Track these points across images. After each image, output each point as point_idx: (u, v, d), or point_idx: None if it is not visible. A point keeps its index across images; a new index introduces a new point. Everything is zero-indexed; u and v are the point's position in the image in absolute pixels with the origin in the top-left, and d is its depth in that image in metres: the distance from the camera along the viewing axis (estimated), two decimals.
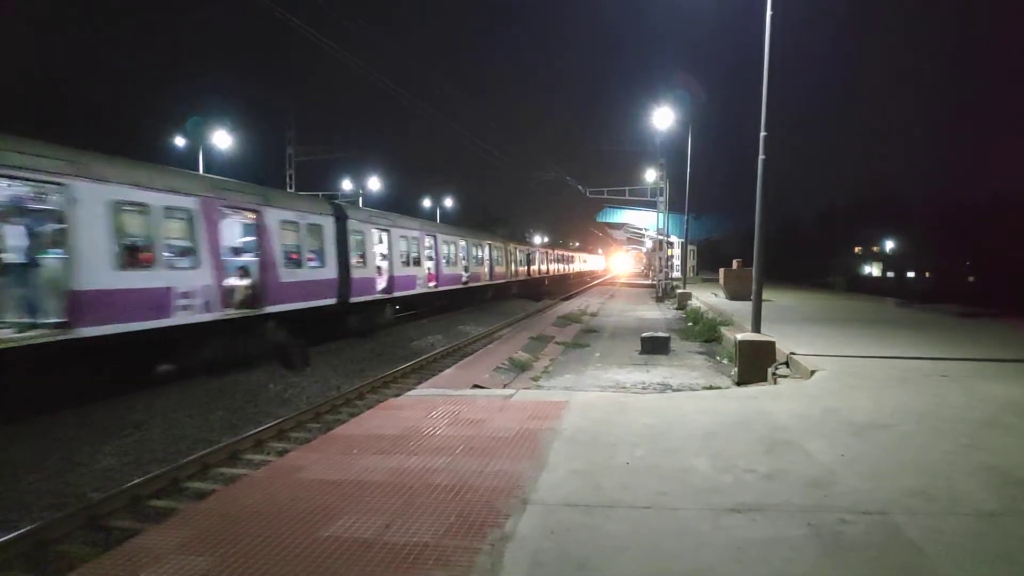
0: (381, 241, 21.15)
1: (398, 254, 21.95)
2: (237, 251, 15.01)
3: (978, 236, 56.80)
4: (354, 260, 18.73)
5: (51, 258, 10.22)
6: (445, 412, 7.54)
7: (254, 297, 14.27)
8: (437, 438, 6.44)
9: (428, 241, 25.39)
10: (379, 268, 20.83)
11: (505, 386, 10.41)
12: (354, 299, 18.58)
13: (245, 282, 14.21)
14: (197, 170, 27.62)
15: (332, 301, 17.39)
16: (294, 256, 15.80)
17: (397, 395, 9.71)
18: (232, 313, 13.47)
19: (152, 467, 8.32)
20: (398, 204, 51.33)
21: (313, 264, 16.65)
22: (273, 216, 14.96)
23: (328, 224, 17.42)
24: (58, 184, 9.87)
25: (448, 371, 12.29)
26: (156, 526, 4.87)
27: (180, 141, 34.29)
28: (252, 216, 14.68)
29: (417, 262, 23.81)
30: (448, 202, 68.16)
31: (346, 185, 44.31)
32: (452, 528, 4.22)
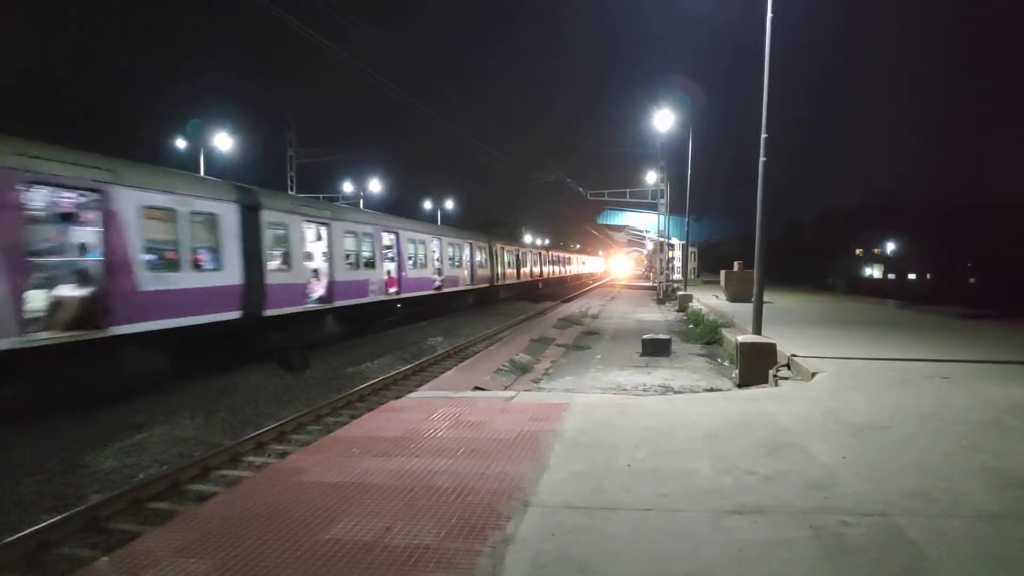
0: (320, 238, 17.85)
1: (342, 254, 18.42)
2: (81, 248, 11.52)
3: (979, 237, 56.84)
4: (274, 262, 15.31)
5: None
6: (446, 414, 7.54)
7: (95, 313, 10.60)
8: (438, 440, 6.44)
9: (388, 239, 22.01)
10: (315, 272, 17.59)
11: (506, 388, 10.41)
12: (271, 311, 14.91)
13: (81, 292, 10.65)
14: (198, 172, 27.57)
15: (234, 315, 13.66)
16: (170, 255, 12.26)
17: (398, 397, 9.71)
18: (45, 338, 9.77)
19: (153, 469, 8.32)
20: (400, 206, 51.43)
21: (206, 266, 13.10)
22: (129, 199, 11.20)
23: (229, 213, 13.73)
24: None
25: (449, 373, 12.29)
26: (157, 529, 4.87)
27: (181, 143, 34.42)
28: (94, 198, 10.87)
29: (371, 264, 20.35)
30: (449, 204, 68.25)
31: (347, 187, 44.49)
32: (453, 530, 4.22)
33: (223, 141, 32.88)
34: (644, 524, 4.29)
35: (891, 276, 73.54)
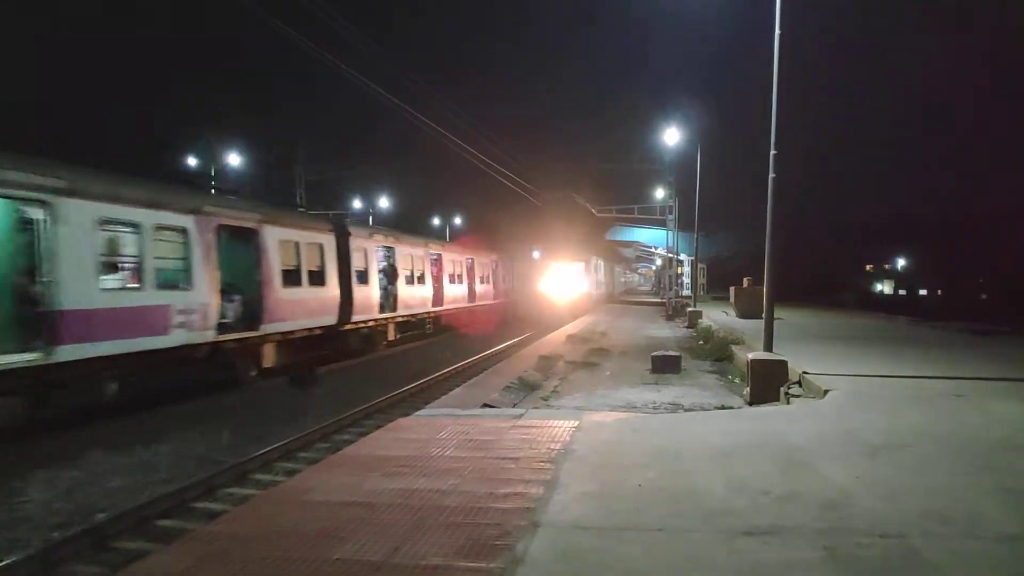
0: None
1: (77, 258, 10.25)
2: None
3: (990, 251, 56.51)
4: None
5: None
6: (454, 432, 7.50)
7: None
8: (446, 459, 6.40)
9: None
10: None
11: (514, 406, 10.35)
12: None
13: None
14: (209, 191, 27.76)
15: None
16: None
17: (406, 415, 9.66)
18: None
19: (160, 487, 8.30)
20: (409, 220, 51.57)
21: None
22: None
23: None
24: None
25: (457, 390, 12.23)
26: (164, 547, 4.84)
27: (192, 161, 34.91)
28: None
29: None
30: (457, 220, 68.29)
31: (357, 203, 44.82)
32: (462, 551, 4.17)
33: (233, 159, 33.39)
34: (656, 545, 4.23)
35: (902, 292, 73.20)
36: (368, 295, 19.75)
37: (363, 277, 19.47)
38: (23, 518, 7.29)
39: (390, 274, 21.49)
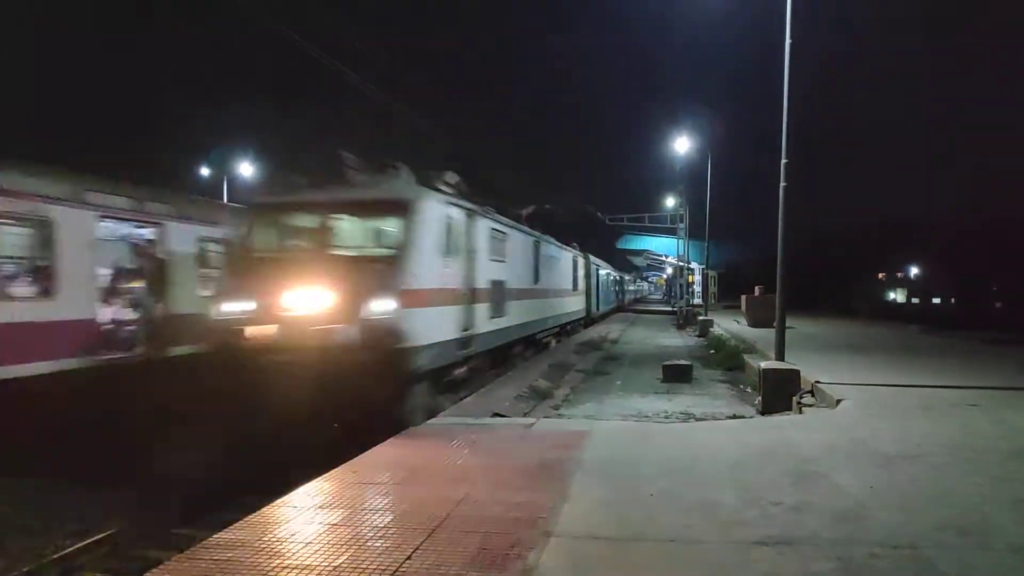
0: None
1: None
2: None
3: (1005, 260, 55.98)
4: None
5: None
6: (465, 441, 7.50)
7: None
8: (457, 468, 6.41)
9: None
10: None
11: (525, 414, 10.35)
12: None
13: None
14: (222, 199, 28.07)
15: None
16: None
17: (415, 423, 9.68)
18: None
19: (175, 493, 8.34)
20: None
21: None
22: None
23: None
24: None
25: (467, 399, 12.24)
26: (179, 555, 4.87)
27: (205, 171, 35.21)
28: None
29: None
30: None
31: None
32: (474, 561, 4.18)
33: (245, 169, 33.65)
34: (668, 555, 4.22)
35: (915, 300, 72.66)
36: None
37: None
38: None
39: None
